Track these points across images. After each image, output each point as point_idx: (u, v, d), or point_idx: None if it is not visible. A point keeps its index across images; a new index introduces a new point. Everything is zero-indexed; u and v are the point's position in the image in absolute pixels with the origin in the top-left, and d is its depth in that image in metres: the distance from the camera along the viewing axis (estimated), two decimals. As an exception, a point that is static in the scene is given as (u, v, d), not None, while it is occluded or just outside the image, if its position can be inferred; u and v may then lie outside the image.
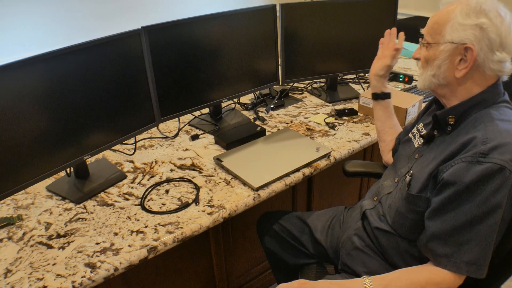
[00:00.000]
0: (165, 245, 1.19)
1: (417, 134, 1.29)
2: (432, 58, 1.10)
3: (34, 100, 1.20)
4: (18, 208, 1.34)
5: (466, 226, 0.98)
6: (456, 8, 1.05)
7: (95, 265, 1.11)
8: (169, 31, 1.54)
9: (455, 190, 0.98)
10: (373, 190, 1.35)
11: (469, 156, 0.98)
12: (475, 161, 0.96)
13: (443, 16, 1.07)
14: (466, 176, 0.96)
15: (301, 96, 2.14)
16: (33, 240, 1.20)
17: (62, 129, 1.29)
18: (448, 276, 1.01)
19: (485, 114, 1.06)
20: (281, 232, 1.52)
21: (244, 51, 1.78)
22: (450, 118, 1.10)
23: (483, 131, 1.01)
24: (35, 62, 1.18)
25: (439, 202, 1.02)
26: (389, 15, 2.02)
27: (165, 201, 1.35)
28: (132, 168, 1.54)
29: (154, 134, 1.78)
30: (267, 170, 1.46)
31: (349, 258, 1.30)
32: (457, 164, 0.99)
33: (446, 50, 1.07)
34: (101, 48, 1.33)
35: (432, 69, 1.11)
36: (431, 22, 1.11)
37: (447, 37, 1.06)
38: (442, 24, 1.07)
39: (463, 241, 0.99)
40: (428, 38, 1.11)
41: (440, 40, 1.08)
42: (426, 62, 1.13)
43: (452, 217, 0.99)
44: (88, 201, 1.36)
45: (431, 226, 1.04)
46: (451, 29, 1.05)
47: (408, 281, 1.04)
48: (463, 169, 0.97)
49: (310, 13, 1.89)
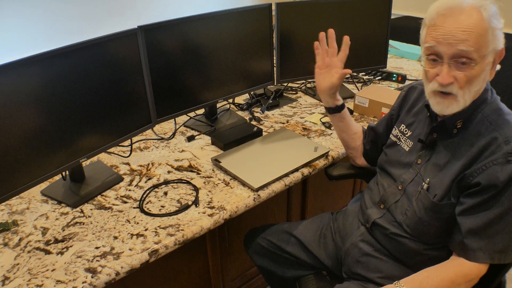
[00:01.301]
0: (166, 248, 1.17)
1: (402, 136, 1.28)
2: (479, 74, 1.02)
3: (27, 103, 1.17)
4: (12, 213, 1.31)
5: (497, 219, 1.02)
6: (483, 14, 0.99)
7: (96, 270, 1.08)
8: (165, 31, 1.51)
9: (494, 192, 1.01)
10: (375, 197, 1.31)
11: (499, 158, 1.01)
12: (506, 161, 1.00)
13: (478, 25, 0.98)
14: (501, 177, 0.99)
15: (295, 96, 2.14)
16: (30, 246, 1.17)
17: (57, 132, 1.26)
18: (475, 266, 1.05)
19: (490, 112, 1.08)
20: (270, 247, 1.49)
21: (240, 51, 1.77)
22: (458, 122, 1.11)
23: (500, 131, 1.04)
24: (28, 64, 1.15)
25: (477, 202, 1.04)
26: (383, 15, 2.03)
27: (164, 203, 1.33)
28: (129, 170, 1.51)
29: (149, 135, 1.75)
30: (266, 171, 1.45)
31: (359, 265, 1.28)
32: (490, 167, 1.01)
33: (490, 60, 1.03)
34: (96, 48, 1.30)
35: (477, 85, 1.04)
36: (475, 36, 0.98)
37: (491, 46, 1.01)
38: (484, 34, 0.99)
39: (494, 232, 1.03)
40: (475, 55, 0.99)
41: (485, 52, 1.00)
42: (469, 82, 1.02)
43: (487, 213, 1.03)
44: (85, 205, 1.33)
45: (466, 223, 1.06)
46: (493, 37, 1.00)
47: (439, 278, 1.06)
48: (497, 172, 1.00)
49: (306, 13, 1.89)
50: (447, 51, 1.01)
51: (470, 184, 1.04)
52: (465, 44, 0.99)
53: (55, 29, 2.90)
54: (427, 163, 1.17)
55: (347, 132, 1.47)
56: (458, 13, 1.00)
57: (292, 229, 1.49)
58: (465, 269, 1.05)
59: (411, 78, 2.32)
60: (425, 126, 1.22)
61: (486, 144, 1.04)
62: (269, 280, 1.60)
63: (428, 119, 1.21)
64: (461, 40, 0.99)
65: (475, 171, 1.04)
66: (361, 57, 2.09)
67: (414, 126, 1.26)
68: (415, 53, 2.67)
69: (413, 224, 1.17)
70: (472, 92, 1.04)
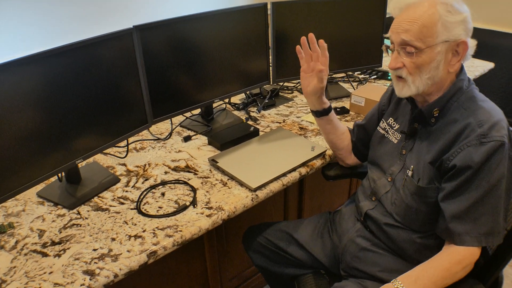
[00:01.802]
0: (165, 249, 1.16)
1: (390, 129, 1.31)
2: (427, 62, 1.08)
3: (22, 104, 1.15)
4: (8, 215, 1.29)
5: (478, 201, 1.06)
6: (436, 8, 1.05)
7: (94, 272, 1.07)
8: (161, 30, 1.50)
9: (471, 172, 1.05)
10: (367, 191, 1.34)
11: (472, 140, 1.05)
12: (479, 143, 1.04)
13: (428, 18, 1.05)
14: (476, 158, 1.04)
15: (291, 95, 2.14)
16: (26, 249, 1.16)
17: (52, 132, 1.25)
18: (468, 252, 1.07)
19: (465, 100, 1.13)
20: (269, 246, 1.49)
21: (236, 50, 1.76)
22: (435, 111, 1.15)
23: (474, 116, 1.08)
24: (22, 64, 1.13)
25: (455, 186, 1.07)
26: (378, 14, 2.03)
27: (162, 204, 1.32)
28: (125, 171, 1.50)
29: (145, 136, 1.74)
30: (264, 171, 1.44)
31: (357, 261, 1.29)
32: (464, 149, 1.06)
33: (442, 50, 1.08)
34: (92, 48, 1.29)
35: (428, 72, 1.10)
36: (417, 26, 1.06)
37: (441, 37, 1.06)
38: (431, 26, 1.05)
39: (478, 215, 1.06)
40: (418, 43, 1.07)
41: (433, 42, 1.06)
42: (418, 68, 1.09)
43: (466, 196, 1.06)
44: (82, 206, 1.32)
45: (448, 208, 1.09)
46: (444, 28, 1.06)
47: (434, 269, 1.08)
48: (471, 153, 1.05)
49: (301, 12, 1.89)
50: (395, 39, 1.11)
51: (447, 168, 1.08)
52: (408, 33, 1.07)
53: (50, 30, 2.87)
54: (411, 152, 1.21)
55: (335, 134, 1.47)
56: (412, 6, 1.09)
57: (291, 228, 1.49)
58: (458, 256, 1.08)
59: (406, 77, 2.33)
60: (408, 117, 1.26)
61: (461, 129, 1.08)
62: (267, 278, 1.60)
63: (411, 111, 1.24)
64: (405, 30, 1.08)
65: (451, 154, 1.08)
66: (356, 56, 2.09)
67: (401, 119, 1.29)
68: (409, 52, 2.67)
69: (402, 212, 1.20)
70: (423, 78, 1.10)
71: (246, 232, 1.59)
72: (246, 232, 1.59)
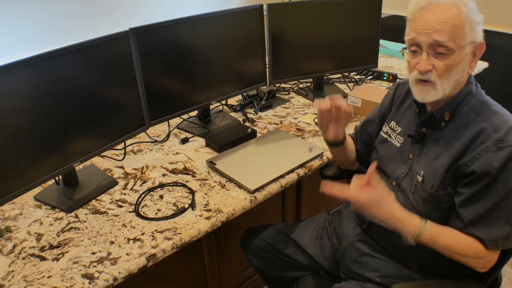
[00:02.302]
0: (164, 252, 1.16)
1: (392, 133, 1.29)
2: (456, 64, 1.06)
3: (18, 107, 1.15)
4: (5, 219, 1.28)
5: (496, 206, 1.05)
6: (459, 7, 1.04)
7: (93, 275, 1.07)
8: (157, 33, 1.50)
9: (489, 179, 1.03)
10: None
11: (490, 145, 1.04)
12: (497, 148, 1.03)
13: (456, 18, 1.03)
14: (495, 164, 1.02)
15: (288, 96, 2.14)
16: (24, 252, 1.15)
17: (49, 135, 1.24)
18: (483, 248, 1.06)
19: (476, 104, 1.12)
20: (267, 248, 1.48)
21: (232, 52, 1.76)
22: (446, 114, 1.13)
23: (488, 121, 1.07)
24: (19, 67, 1.13)
25: (474, 192, 1.06)
26: (373, 15, 2.04)
27: (160, 206, 1.32)
28: (123, 174, 1.49)
29: (142, 138, 1.74)
30: (262, 172, 1.44)
31: (358, 265, 1.29)
32: (483, 155, 1.04)
33: (469, 51, 1.07)
34: (88, 51, 1.29)
35: (455, 74, 1.07)
36: (450, 26, 1.03)
37: (469, 38, 1.05)
38: (461, 26, 1.03)
39: (494, 219, 1.05)
40: (451, 44, 1.04)
41: (463, 43, 1.05)
42: (448, 70, 1.06)
43: (484, 201, 1.05)
44: (80, 210, 1.32)
45: (466, 213, 1.08)
46: (470, 29, 1.04)
47: (455, 238, 1.08)
48: (490, 159, 1.03)
49: (297, 13, 1.89)
50: (425, 40, 1.06)
51: (465, 173, 1.07)
52: (441, 34, 1.04)
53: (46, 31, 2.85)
54: (419, 157, 1.18)
55: (345, 155, 1.43)
56: (435, 6, 1.06)
57: (289, 230, 1.49)
58: (478, 247, 1.07)
59: (402, 77, 2.34)
60: (414, 121, 1.24)
61: (476, 134, 1.07)
62: (266, 281, 1.60)
63: (417, 114, 1.23)
64: (437, 30, 1.04)
65: (468, 160, 1.06)
66: (352, 57, 2.10)
67: (404, 122, 1.27)
68: (405, 52, 2.69)
69: None
70: (450, 81, 1.08)
71: (244, 234, 1.59)
72: (245, 235, 1.58)
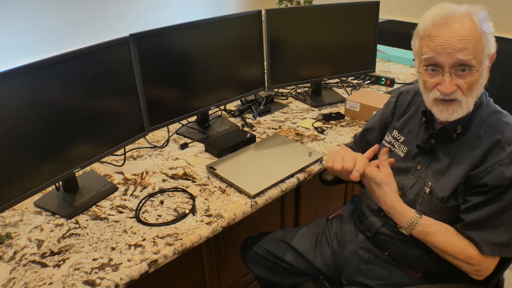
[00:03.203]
0: (165, 258, 1.16)
1: (396, 142, 1.28)
2: (478, 79, 1.04)
3: (18, 113, 1.15)
4: (5, 226, 1.28)
5: (500, 212, 1.04)
6: (473, 20, 1.01)
7: (95, 282, 1.07)
8: (157, 38, 1.51)
9: (501, 191, 1.03)
10: (372, 205, 1.29)
11: (504, 159, 1.03)
12: (510, 162, 1.02)
13: (473, 32, 1.00)
14: (508, 176, 1.02)
15: (286, 101, 2.15)
16: (25, 259, 1.15)
17: (49, 142, 1.24)
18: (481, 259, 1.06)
19: (487, 115, 1.10)
20: (267, 256, 1.48)
21: (231, 58, 1.77)
22: (459, 127, 1.12)
23: (501, 133, 1.06)
24: (17, 74, 1.13)
25: (481, 200, 1.06)
26: (371, 20, 2.05)
27: (161, 212, 1.32)
28: (123, 179, 1.49)
29: (141, 144, 1.74)
30: (262, 177, 1.45)
31: (360, 273, 1.29)
32: (496, 168, 1.03)
33: (486, 64, 1.05)
34: (88, 57, 1.29)
35: (478, 89, 1.05)
36: (472, 43, 0.99)
37: (486, 51, 1.03)
38: (479, 41, 1.01)
39: (496, 225, 1.05)
40: (474, 62, 1.01)
41: (482, 57, 1.02)
42: (471, 88, 1.04)
43: (490, 208, 1.05)
44: (80, 216, 1.31)
45: (469, 217, 1.07)
46: (487, 42, 1.02)
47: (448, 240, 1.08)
48: (503, 172, 1.02)
49: (295, 18, 1.90)
50: (447, 60, 1.01)
51: (477, 184, 1.06)
52: (464, 52, 1.00)
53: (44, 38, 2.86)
54: (428, 169, 1.17)
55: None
56: (451, 22, 1.01)
57: (288, 237, 1.49)
58: (472, 252, 1.07)
59: (399, 82, 2.35)
60: (420, 132, 1.22)
61: (490, 146, 1.06)
62: None
63: (424, 125, 1.21)
64: (460, 49, 1.00)
65: (481, 172, 1.05)
66: (350, 61, 2.11)
67: (407, 131, 1.26)
68: (401, 56, 2.70)
69: None
70: (474, 97, 1.07)
71: (243, 243, 1.58)
72: (244, 243, 1.58)
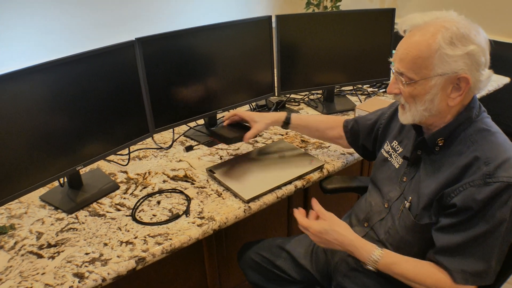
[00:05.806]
0: (153, 256, 1.20)
1: (394, 153, 1.27)
2: (421, 94, 1.03)
3: (28, 111, 1.22)
4: (11, 217, 1.36)
5: (472, 241, 1.01)
6: (436, 37, 0.98)
7: (83, 275, 1.12)
8: (163, 43, 1.55)
9: (470, 214, 1.00)
10: (360, 214, 1.31)
11: (476, 179, 0.99)
12: (483, 184, 0.98)
13: (424, 49, 0.99)
14: (478, 199, 0.98)
15: (297, 107, 2.15)
16: (24, 250, 1.22)
17: (57, 139, 1.31)
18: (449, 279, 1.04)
19: (474, 131, 1.05)
20: (262, 262, 1.50)
21: (240, 62, 1.80)
22: (440, 140, 1.10)
23: (481, 151, 1.02)
24: (28, 73, 1.20)
25: (452, 223, 1.03)
26: (386, 27, 2.03)
27: (156, 212, 1.36)
28: (126, 178, 1.55)
29: (149, 144, 1.79)
30: (259, 182, 1.46)
31: (347, 280, 1.29)
32: (467, 189, 1.00)
33: (438, 83, 1.01)
34: (95, 59, 1.35)
35: (422, 104, 1.04)
36: (411, 57, 1.01)
37: (437, 70, 0.99)
38: (427, 57, 0.99)
39: (468, 254, 1.01)
40: (411, 74, 1.02)
41: (428, 75, 1.00)
42: (412, 98, 1.05)
43: (461, 234, 1.02)
44: (80, 211, 1.37)
45: (440, 240, 1.05)
46: (440, 61, 0.98)
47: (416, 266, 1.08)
48: (473, 194, 0.99)
49: (306, 25, 1.91)
50: (394, 65, 1.08)
51: (447, 205, 1.04)
52: (401, 63, 1.04)
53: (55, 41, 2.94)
54: (411, 181, 1.16)
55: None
56: (414, 32, 1.03)
57: (285, 244, 1.50)
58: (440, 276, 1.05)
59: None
60: (411, 143, 1.22)
61: (468, 163, 1.02)
62: None
63: (415, 136, 1.20)
64: (400, 59, 1.04)
65: (452, 191, 1.02)
66: (364, 69, 2.09)
67: (405, 143, 1.25)
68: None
69: (396, 243, 1.17)
70: (418, 110, 1.06)
71: (241, 248, 1.60)
72: (241, 249, 1.60)
